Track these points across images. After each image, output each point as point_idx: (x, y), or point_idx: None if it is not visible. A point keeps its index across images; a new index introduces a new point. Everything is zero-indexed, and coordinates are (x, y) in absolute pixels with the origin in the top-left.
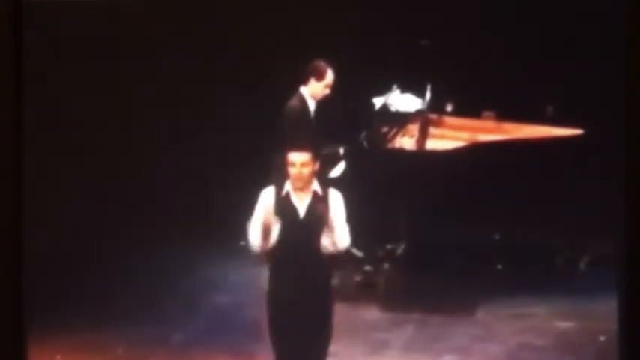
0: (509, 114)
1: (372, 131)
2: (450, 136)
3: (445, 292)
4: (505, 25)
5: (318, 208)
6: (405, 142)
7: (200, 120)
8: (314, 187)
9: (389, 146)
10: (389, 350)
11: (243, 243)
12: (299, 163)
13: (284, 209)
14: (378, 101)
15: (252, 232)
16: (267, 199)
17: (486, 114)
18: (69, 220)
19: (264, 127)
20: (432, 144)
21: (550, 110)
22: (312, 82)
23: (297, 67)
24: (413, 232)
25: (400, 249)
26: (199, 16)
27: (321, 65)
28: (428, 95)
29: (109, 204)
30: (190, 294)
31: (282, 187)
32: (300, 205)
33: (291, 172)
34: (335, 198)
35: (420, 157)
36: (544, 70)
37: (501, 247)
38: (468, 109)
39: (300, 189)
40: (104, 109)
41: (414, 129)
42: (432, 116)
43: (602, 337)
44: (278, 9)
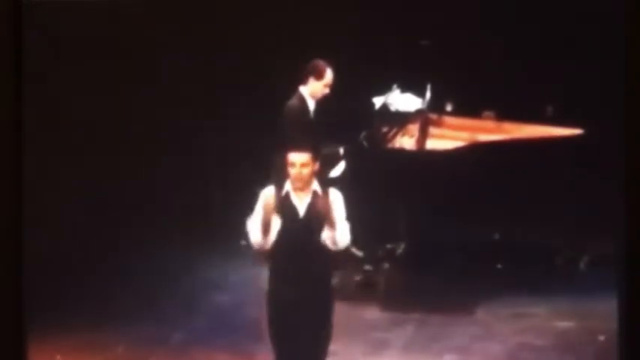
0: (509, 114)
1: (372, 131)
2: (450, 136)
3: (445, 291)
4: (505, 25)
5: (318, 207)
6: (405, 141)
7: (200, 120)
8: (314, 187)
9: (389, 146)
10: (389, 350)
11: (243, 243)
12: (299, 163)
13: (284, 209)
14: (378, 101)
15: (253, 230)
16: (267, 198)
17: (486, 114)
18: (69, 220)
19: (264, 127)
20: (432, 144)
21: (550, 110)
22: (312, 81)
23: (297, 67)
24: (413, 232)
25: (400, 248)
26: (199, 16)
27: (320, 64)
28: (428, 95)
29: (109, 204)
30: (190, 294)
31: (282, 186)
32: (300, 205)
33: (291, 172)
34: (335, 198)
35: (420, 156)
36: (544, 70)
37: (501, 247)
38: (467, 108)
39: (300, 189)
40: (104, 109)
41: (414, 129)
42: (432, 116)
43: (602, 337)
44: (278, 9)
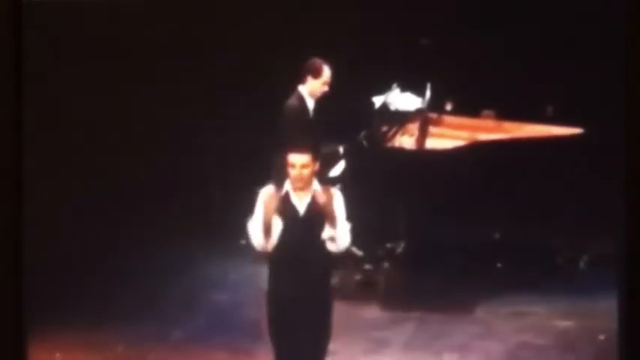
0: (508, 113)
1: (371, 130)
2: (450, 135)
3: (445, 290)
4: (505, 25)
5: (318, 207)
6: (405, 141)
7: (200, 120)
8: (314, 187)
9: (389, 145)
10: (389, 349)
11: (243, 242)
12: (299, 164)
13: (284, 208)
14: (377, 100)
15: (254, 232)
16: (266, 198)
17: (486, 113)
18: (69, 220)
19: (263, 127)
20: (432, 143)
21: (550, 110)
22: (310, 80)
23: (297, 67)
24: (413, 231)
25: (400, 248)
26: (199, 16)
27: (317, 63)
28: (428, 94)
29: (109, 204)
30: (190, 292)
31: (281, 186)
32: (300, 205)
33: (292, 173)
34: (335, 197)
35: (420, 156)
36: (544, 70)
37: (501, 246)
38: (467, 108)
39: (301, 189)
40: (104, 109)
41: (413, 128)
42: (432, 115)
43: (601, 336)
44: (278, 9)
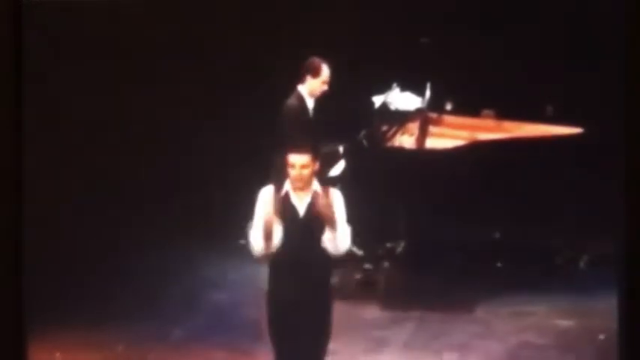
0: (508, 113)
1: (371, 130)
2: (450, 135)
3: (445, 290)
4: (505, 24)
5: (318, 207)
6: (405, 140)
7: (200, 120)
8: (314, 187)
9: (388, 145)
10: (389, 348)
11: (242, 242)
12: (299, 164)
13: (283, 209)
14: (377, 100)
15: (255, 236)
16: (266, 198)
17: (486, 113)
18: (69, 220)
19: (263, 127)
20: (432, 142)
21: (550, 109)
22: (309, 79)
23: (296, 67)
24: (413, 231)
25: (400, 247)
26: (199, 16)
27: (316, 62)
28: (428, 94)
29: (109, 204)
30: (190, 292)
31: (281, 186)
32: (300, 205)
33: (292, 173)
34: (335, 197)
35: (420, 155)
36: (544, 70)
37: (501, 246)
38: (467, 107)
39: (301, 189)
40: (104, 109)
41: (413, 127)
42: (432, 115)
43: (601, 336)
44: (278, 9)
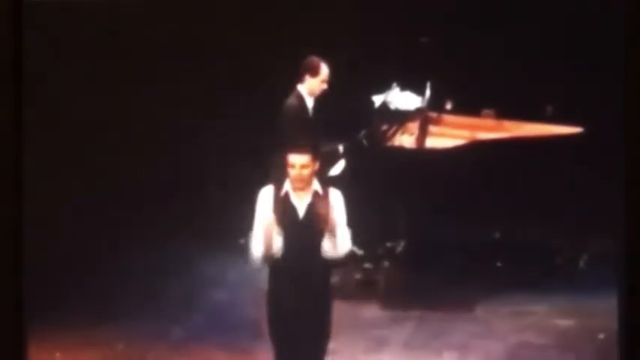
0: (508, 112)
1: (371, 129)
2: (450, 134)
3: (445, 289)
4: (505, 24)
5: (318, 207)
6: (405, 140)
7: (200, 120)
8: (314, 187)
9: (388, 144)
10: (389, 347)
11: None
12: (299, 164)
13: (283, 209)
14: (377, 99)
15: (255, 243)
16: (266, 198)
17: (486, 112)
18: (69, 220)
19: (264, 127)
20: (432, 142)
21: (550, 109)
22: (308, 79)
23: (296, 67)
24: (413, 230)
25: (400, 247)
26: (199, 16)
27: (314, 61)
28: (428, 93)
29: (109, 204)
30: (190, 291)
31: (281, 186)
32: (300, 205)
33: (291, 173)
34: (335, 197)
35: (420, 155)
36: (544, 69)
37: (501, 245)
38: (467, 107)
39: (301, 189)
40: (104, 109)
41: (413, 127)
42: (432, 114)
43: (601, 335)
44: (278, 9)
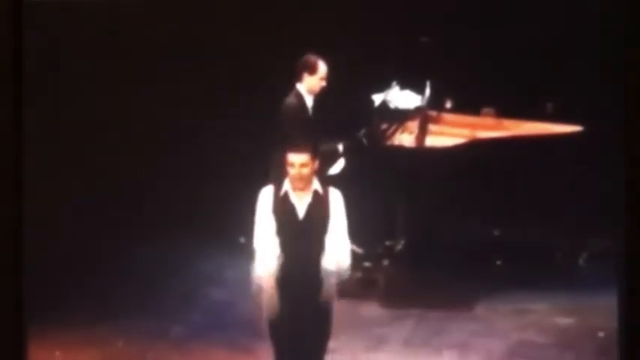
0: (508, 111)
1: (371, 128)
2: (450, 133)
3: (445, 288)
4: (505, 22)
5: (318, 207)
6: (405, 138)
7: (200, 120)
8: (315, 187)
9: (388, 143)
10: (389, 346)
11: (242, 239)
12: (298, 163)
13: (283, 209)
14: (377, 98)
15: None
16: (267, 198)
17: (486, 111)
18: (69, 220)
19: (264, 127)
20: (432, 141)
21: (550, 107)
22: (306, 77)
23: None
24: (412, 229)
25: (400, 245)
26: (199, 16)
27: (311, 59)
28: (427, 92)
29: (108, 203)
30: (190, 289)
31: (280, 185)
32: (300, 205)
33: (291, 172)
34: (335, 197)
35: (420, 153)
36: (544, 68)
37: (501, 244)
38: (467, 105)
39: (301, 189)
40: (104, 109)
41: (413, 126)
42: (432, 113)
43: (601, 334)
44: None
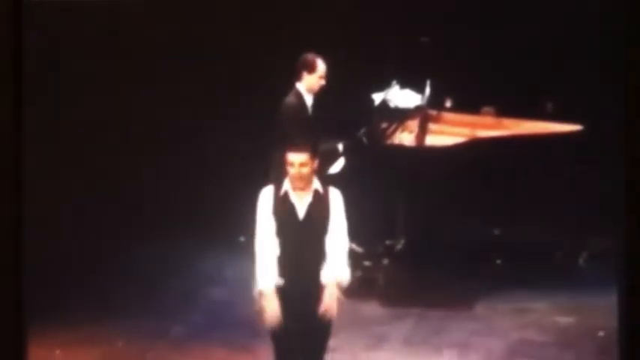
0: (508, 110)
1: (371, 127)
2: (450, 132)
3: (445, 287)
4: (505, 21)
5: (318, 207)
6: (405, 137)
7: (200, 120)
8: (315, 186)
9: (388, 142)
10: (389, 344)
11: (242, 239)
12: (298, 163)
13: (283, 208)
14: (377, 97)
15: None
16: (267, 199)
17: (485, 110)
18: (69, 220)
19: (264, 127)
20: (432, 140)
21: (550, 106)
22: (305, 75)
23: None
24: (412, 228)
25: (400, 244)
26: (199, 16)
27: (310, 57)
28: (427, 91)
29: (108, 202)
30: (190, 288)
31: (280, 185)
32: (300, 204)
33: (290, 171)
34: (335, 197)
35: (420, 152)
36: (544, 67)
37: (501, 243)
38: (467, 105)
39: (301, 188)
40: (104, 109)
41: (413, 125)
42: (432, 112)
43: (601, 333)
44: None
